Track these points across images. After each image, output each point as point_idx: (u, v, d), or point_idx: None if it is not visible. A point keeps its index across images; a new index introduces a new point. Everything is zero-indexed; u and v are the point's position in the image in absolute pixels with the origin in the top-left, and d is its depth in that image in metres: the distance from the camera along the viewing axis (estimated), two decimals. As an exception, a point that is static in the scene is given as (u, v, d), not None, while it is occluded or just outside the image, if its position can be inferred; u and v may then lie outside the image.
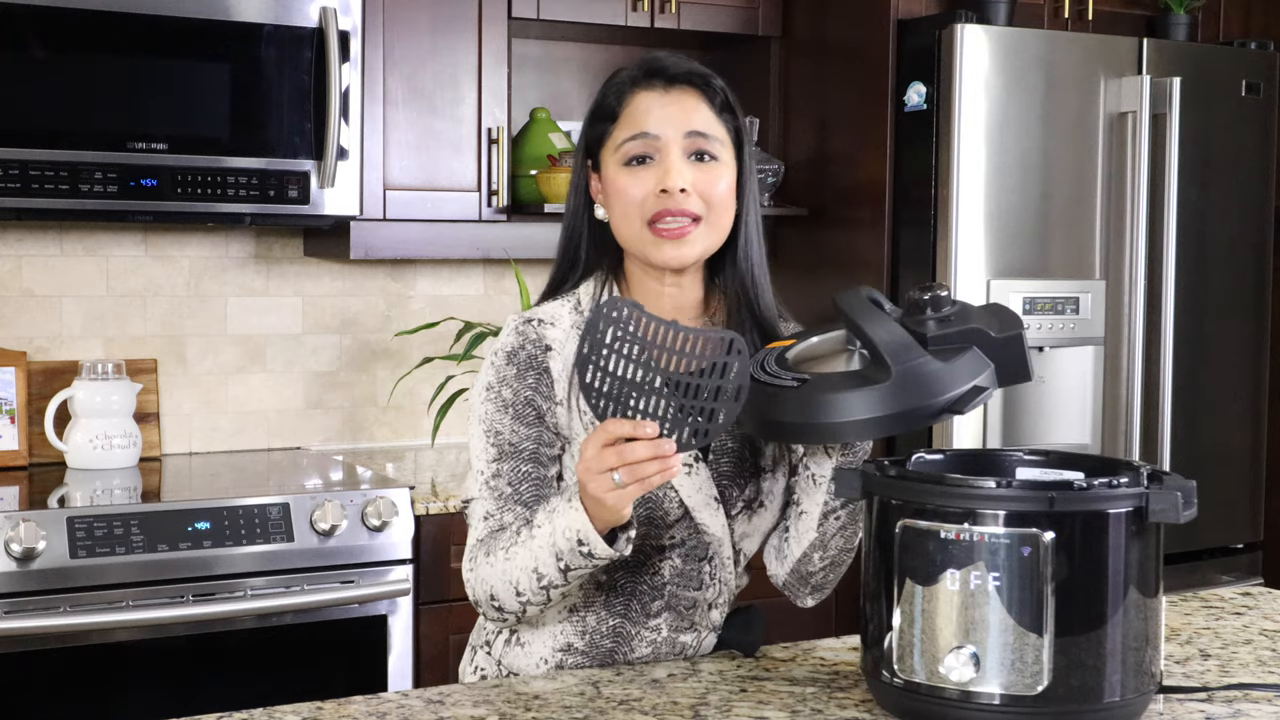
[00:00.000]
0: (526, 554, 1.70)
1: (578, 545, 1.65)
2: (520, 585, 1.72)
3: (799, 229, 3.74)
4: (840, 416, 1.59)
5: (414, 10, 3.33)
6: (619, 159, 1.79)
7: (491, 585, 1.74)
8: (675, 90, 1.80)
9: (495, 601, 1.75)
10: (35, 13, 2.88)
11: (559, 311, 1.83)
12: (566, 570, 1.68)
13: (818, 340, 1.74)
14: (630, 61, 1.88)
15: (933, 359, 1.60)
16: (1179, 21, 3.63)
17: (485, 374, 1.82)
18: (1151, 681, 1.55)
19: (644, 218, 1.77)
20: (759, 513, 1.85)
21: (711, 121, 1.80)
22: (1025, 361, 1.67)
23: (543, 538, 1.68)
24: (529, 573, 1.70)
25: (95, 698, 2.76)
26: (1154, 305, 3.48)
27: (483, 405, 1.80)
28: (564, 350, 1.80)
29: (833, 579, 1.87)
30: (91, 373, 3.20)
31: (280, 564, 2.85)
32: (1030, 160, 3.37)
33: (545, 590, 1.71)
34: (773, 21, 3.74)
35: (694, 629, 1.86)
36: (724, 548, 1.82)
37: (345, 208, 3.16)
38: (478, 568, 1.76)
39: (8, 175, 2.87)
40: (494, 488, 1.78)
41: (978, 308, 1.70)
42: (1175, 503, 1.50)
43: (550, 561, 1.68)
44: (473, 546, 1.78)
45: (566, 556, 1.66)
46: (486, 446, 1.79)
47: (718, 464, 1.81)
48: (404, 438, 3.73)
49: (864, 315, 1.65)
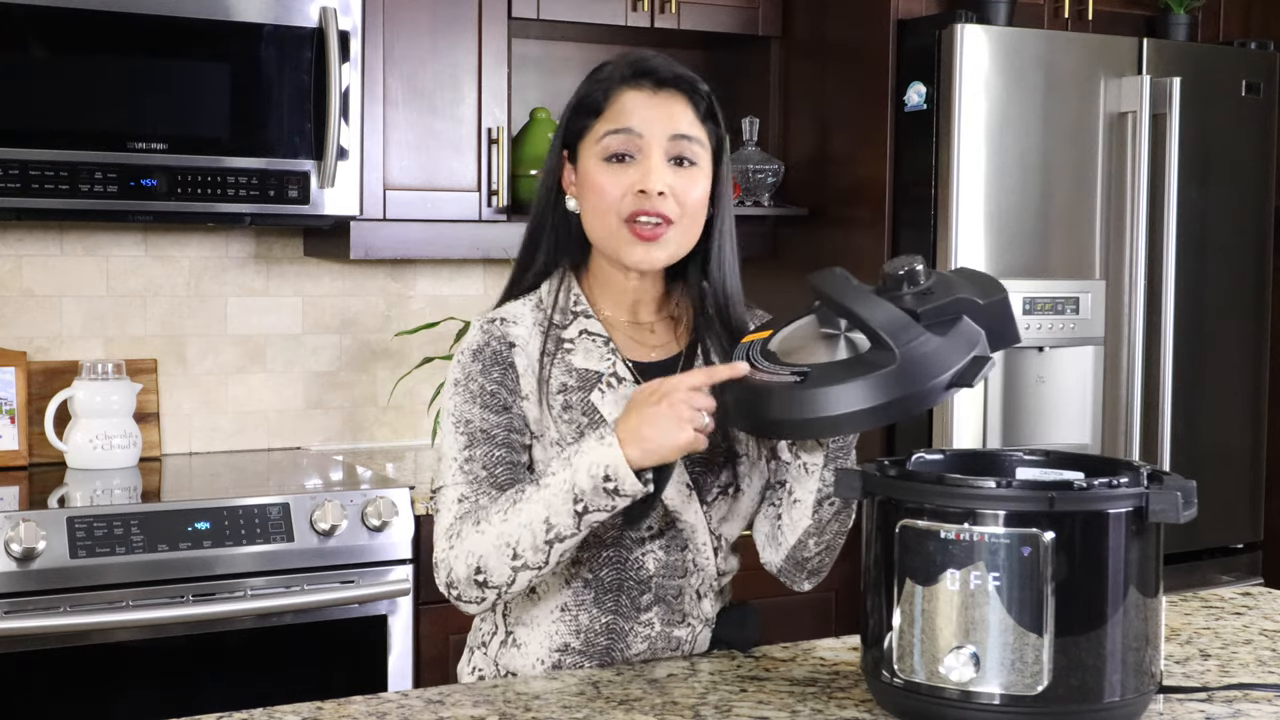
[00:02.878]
0: (533, 507, 1.69)
1: (604, 482, 1.64)
2: (520, 544, 1.70)
3: (799, 229, 3.74)
4: (853, 406, 1.56)
5: (414, 10, 3.33)
6: (599, 153, 1.81)
7: (481, 555, 1.72)
8: (663, 93, 1.81)
9: (480, 575, 1.73)
10: (35, 13, 2.88)
11: (521, 310, 1.85)
12: (583, 514, 1.67)
13: (794, 328, 1.71)
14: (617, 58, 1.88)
15: (931, 335, 1.57)
16: (1179, 21, 3.63)
17: (452, 372, 1.84)
18: (1151, 681, 1.55)
19: (620, 215, 1.79)
20: (737, 498, 1.86)
21: (695, 127, 1.82)
22: (1013, 323, 1.66)
23: (557, 484, 1.68)
24: (536, 526, 1.69)
25: (95, 698, 2.76)
26: (1154, 305, 3.48)
27: (451, 400, 1.82)
28: (528, 347, 1.82)
29: (829, 562, 1.87)
30: (91, 373, 3.20)
31: (280, 564, 2.85)
32: (1030, 160, 3.37)
33: (549, 545, 1.69)
34: (773, 21, 3.74)
35: (686, 622, 1.86)
36: (698, 534, 1.82)
37: (345, 208, 3.16)
38: (462, 541, 1.74)
39: (8, 175, 2.87)
40: (468, 471, 1.78)
41: (954, 275, 1.66)
42: (1175, 503, 1.50)
43: (565, 507, 1.67)
44: (451, 525, 1.77)
45: (588, 496, 1.66)
46: (457, 436, 1.80)
47: None
48: (404, 438, 3.73)
49: (852, 297, 1.62)
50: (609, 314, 1.87)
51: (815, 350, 1.65)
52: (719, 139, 1.85)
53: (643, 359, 1.86)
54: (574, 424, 1.79)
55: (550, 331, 1.82)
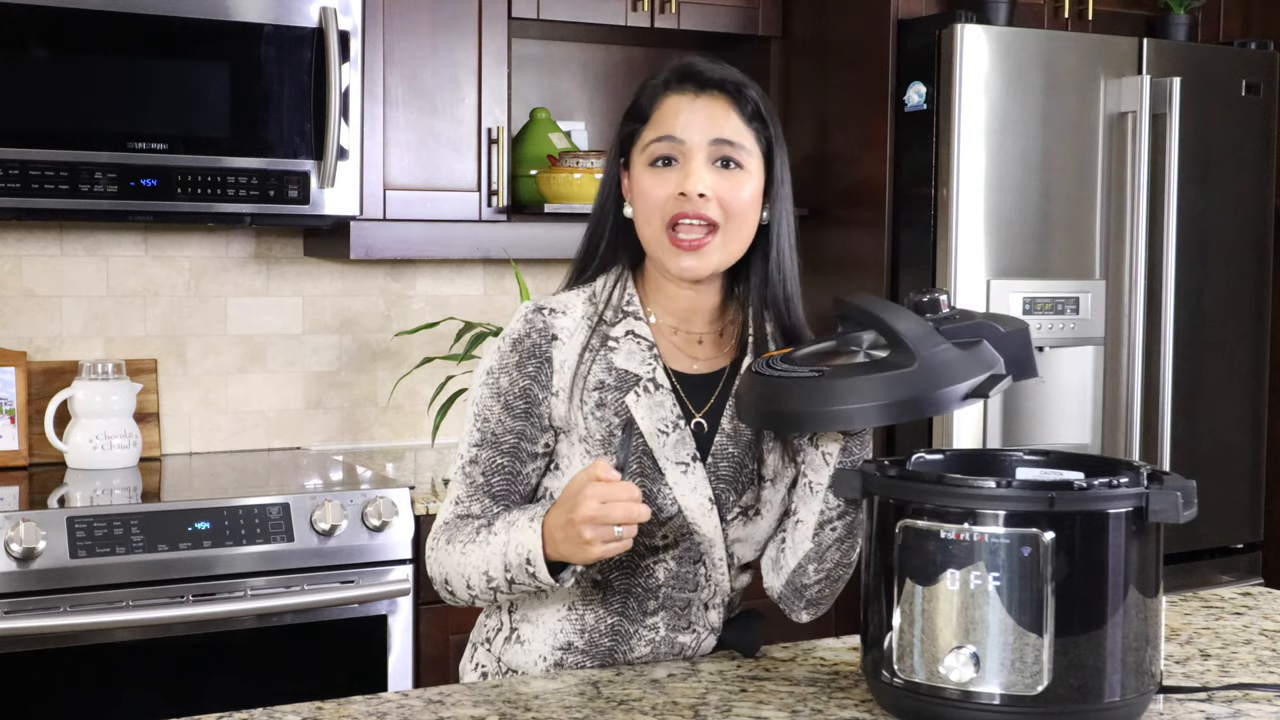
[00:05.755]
0: (479, 556, 1.77)
1: (525, 564, 1.72)
2: (471, 581, 1.79)
3: (799, 229, 3.73)
4: (868, 401, 1.59)
5: (414, 10, 3.33)
6: (645, 159, 1.81)
7: (447, 571, 1.82)
8: (705, 96, 1.81)
9: (449, 586, 1.83)
10: (35, 13, 2.88)
11: (573, 301, 1.85)
12: (511, 582, 1.75)
13: (815, 346, 1.74)
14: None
15: (952, 346, 1.62)
16: (1179, 21, 3.63)
17: (489, 357, 1.85)
18: (1151, 681, 1.55)
19: (663, 220, 1.78)
20: (755, 520, 1.85)
21: (740, 130, 1.80)
22: (1031, 357, 1.70)
23: (496, 545, 1.75)
24: (480, 573, 1.77)
25: (95, 698, 2.76)
26: (1154, 305, 3.48)
27: (480, 388, 1.85)
28: (571, 340, 1.82)
29: (829, 595, 1.86)
30: (91, 373, 3.20)
31: (280, 564, 2.85)
32: (1030, 160, 3.37)
33: (493, 592, 1.78)
34: (773, 21, 3.74)
35: (692, 629, 1.86)
36: (715, 549, 1.82)
37: (345, 208, 3.16)
38: (437, 550, 1.83)
39: (8, 175, 2.87)
40: (468, 474, 1.83)
41: (976, 311, 1.72)
42: (1175, 503, 1.50)
43: (499, 569, 1.75)
44: (438, 528, 1.85)
45: (513, 570, 1.73)
46: (473, 429, 1.84)
47: (715, 467, 1.82)
48: (404, 438, 3.73)
49: (882, 308, 1.67)
50: (659, 319, 1.86)
51: (834, 361, 1.68)
52: (769, 141, 1.83)
53: (685, 370, 1.85)
54: (605, 423, 1.79)
55: (598, 327, 1.82)
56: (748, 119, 1.81)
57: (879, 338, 1.67)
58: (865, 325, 1.69)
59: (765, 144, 1.83)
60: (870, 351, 1.67)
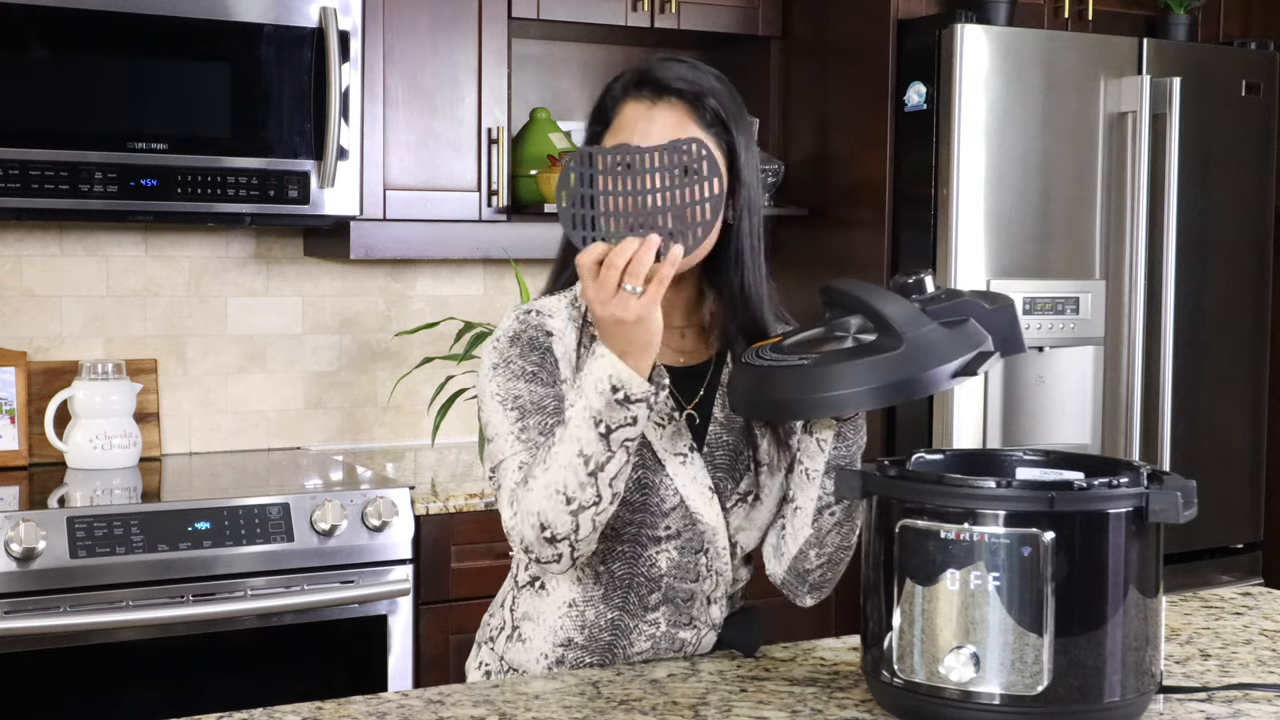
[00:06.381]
0: (565, 448, 1.67)
1: (612, 394, 1.64)
2: (569, 488, 1.68)
3: (799, 229, 3.74)
4: (858, 385, 1.60)
5: (414, 10, 3.33)
6: None
7: (539, 510, 1.70)
8: (663, 103, 1.80)
9: (546, 530, 1.70)
10: (35, 13, 2.88)
11: (556, 305, 1.86)
12: (609, 434, 1.65)
13: (803, 334, 1.75)
14: (629, 62, 1.89)
15: (939, 326, 1.63)
16: (1179, 21, 3.63)
17: (489, 357, 1.83)
18: (1151, 681, 1.55)
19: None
20: (755, 507, 1.86)
21: (698, 137, 1.80)
22: (1018, 332, 1.71)
23: (577, 415, 1.67)
24: (574, 465, 1.67)
25: (96, 698, 2.76)
26: (1154, 305, 3.48)
27: (492, 382, 1.81)
28: (564, 338, 1.82)
29: (831, 578, 1.88)
30: (91, 373, 3.20)
31: (280, 564, 2.85)
32: (1030, 160, 3.37)
33: (592, 478, 1.67)
34: (773, 21, 3.74)
35: (693, 625, 1.86)
36: (719, 538, 1.83)
37: (345, 208, 3.16)
38: (521, 500, 1.72)
39: (8, 175, 2.87)
40: (525, 440, 1.76)
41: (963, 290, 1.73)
42: (1175, 503, 1.50)
43: (591, 434, 1.65)
44: (511, 490, 1.75)
45: (605, 415, 1.64)
46: (507, 413, 1.78)
47: (712, 456, 1.83)
48: (404, 438, 3.73)
49: (868, 292, 1.67)
50: None
51: (823, 348, 1.68)
52: (730, 145, 1.82)
53: (672, 363, 1.85)
54: None
55: (585, 328, 1.83)
56: (706, 125, 1.80)
57: (866, 322, 1.68)
58: (852, 310, 1.69)
59: (727, 148, 1.82)
60: (858, 336, 1.67)
